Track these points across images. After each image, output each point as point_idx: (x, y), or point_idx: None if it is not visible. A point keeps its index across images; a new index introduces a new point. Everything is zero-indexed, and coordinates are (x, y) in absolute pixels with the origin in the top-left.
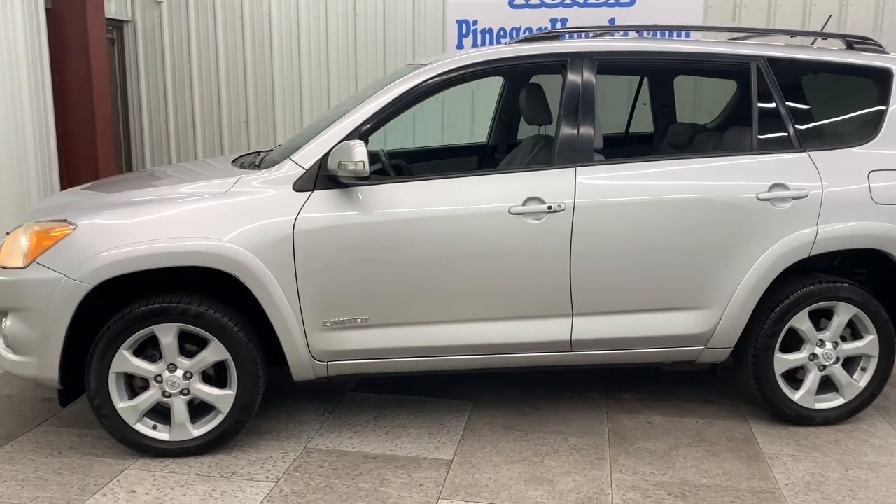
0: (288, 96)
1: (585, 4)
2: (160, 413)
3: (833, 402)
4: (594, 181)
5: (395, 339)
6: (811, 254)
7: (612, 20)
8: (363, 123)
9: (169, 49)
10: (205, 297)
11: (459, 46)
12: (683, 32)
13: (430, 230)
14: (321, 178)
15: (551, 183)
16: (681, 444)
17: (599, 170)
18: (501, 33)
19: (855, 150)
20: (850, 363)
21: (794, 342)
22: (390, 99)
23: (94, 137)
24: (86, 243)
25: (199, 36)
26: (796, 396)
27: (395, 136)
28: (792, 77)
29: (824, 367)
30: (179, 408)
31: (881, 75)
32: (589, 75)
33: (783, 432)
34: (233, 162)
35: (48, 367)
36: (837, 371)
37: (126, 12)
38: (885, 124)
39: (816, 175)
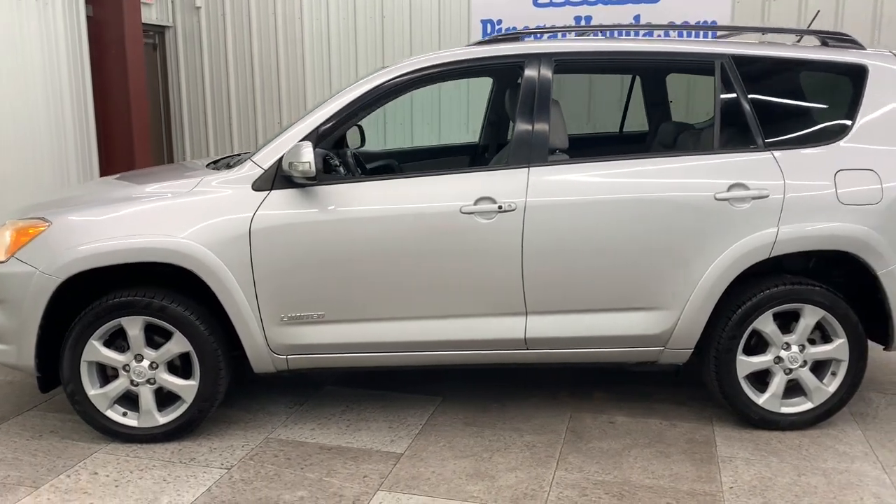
0: (319, 96)
1: (609, 1)
2: (132, 400)
3: (801, 406)
4: (547, 181)
5: (350, 335)
6: (771, 255)
7: (636, 17)
8: (322, 125)
9: (207, 52)
10: (170, 291)
11: None
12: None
13: (384, 229)
14: (279, 178)
15: (503, 183)
16: (637, 444)
17: (554, 170)
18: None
19: (823, 149)
20: (822, 367)
21: (761, 344)
22: (348, 101)
23: (131, 131)
24: (57, 240)
25: (235, 39)
26: (761, 400)
27: (422, 133)
28: (760, 75)
29: (790, 370)
30: (146, 396)
31: (854, 72)
32: (545, 75)
33: (746, 436)
34: (211, 164)
35: (26, 355)
36: (804, 375)
37: (167, 18)
38: (856, 123)
39: (779, 175)
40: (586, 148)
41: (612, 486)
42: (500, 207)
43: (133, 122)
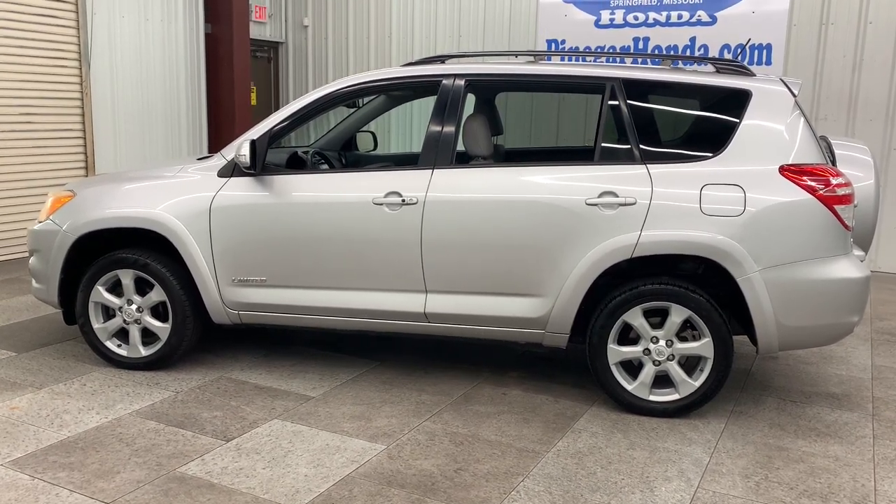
0: (405, 106)
1: (667, 24)
2: (126, 335)
3: (669, 396)
4: (446, 181)
5: (288, 299)
6: (633, 256)
7: (692, 38)
8: (274, 126)
9: (312, 64)
10: (154, 253)
11: None
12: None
13: (313, 213)
14: (237, 168)
15: (410, 180)
16: (510, 411)
17: (454, 172)
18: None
19: (696, 164)
20: (695, 362)
21: (636, 337)
22: (296, 108)
23: (234, 119)
24: (76, 208)
25: (335, 53)
26: (631, 386)
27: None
28: (646, 97)
29: (658, 362)
30: (134, 333)
31: (738, 96)
32: (456, 93)
33: (613, 416)
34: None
35: (52, 292)
36: (671, 368)
37: (281, 35)
38: (731, 142)
39: (649, 186)
40: (534, 158)
41: (459, 437)
42: (403, 200)
43: (236, 112)
